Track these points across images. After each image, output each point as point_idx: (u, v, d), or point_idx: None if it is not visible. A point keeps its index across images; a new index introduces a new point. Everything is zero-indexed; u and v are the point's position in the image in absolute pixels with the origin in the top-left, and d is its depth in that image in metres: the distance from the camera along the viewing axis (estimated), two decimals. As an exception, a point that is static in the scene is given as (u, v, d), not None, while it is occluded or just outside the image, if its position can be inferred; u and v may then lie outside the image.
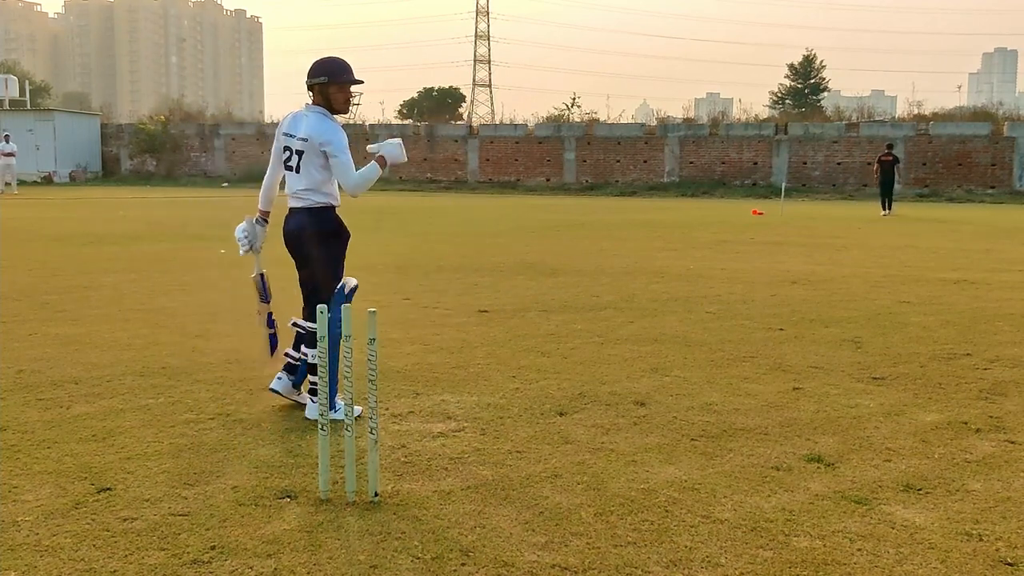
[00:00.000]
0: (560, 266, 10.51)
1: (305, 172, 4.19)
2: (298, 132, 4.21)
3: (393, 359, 5.42)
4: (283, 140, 4.27)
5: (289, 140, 4.23)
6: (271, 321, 4.60)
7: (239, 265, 10.37)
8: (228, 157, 40.20)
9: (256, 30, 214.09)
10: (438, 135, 38.45)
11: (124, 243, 12.94)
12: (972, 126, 32.85)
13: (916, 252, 12.75)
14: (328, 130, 4.15)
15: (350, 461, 3.26)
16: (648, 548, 2.88)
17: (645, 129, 36.59)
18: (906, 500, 3.32)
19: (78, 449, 3.77)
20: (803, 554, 2.85)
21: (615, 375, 5.19)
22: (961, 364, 5.54)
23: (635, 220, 19.27)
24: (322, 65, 4.25)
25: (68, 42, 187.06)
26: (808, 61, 53.66)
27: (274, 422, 4.20)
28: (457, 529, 3.01)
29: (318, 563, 2.75)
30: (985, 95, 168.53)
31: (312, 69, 4.23)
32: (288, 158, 4.24)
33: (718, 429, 4.16)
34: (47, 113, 40.72)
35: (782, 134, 34.12)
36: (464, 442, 3.93)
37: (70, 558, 2.76)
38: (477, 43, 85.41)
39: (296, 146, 4.19)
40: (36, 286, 8.49)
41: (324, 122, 4.18)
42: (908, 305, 7.82)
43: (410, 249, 12.53)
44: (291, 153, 4.23)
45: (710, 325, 6.79)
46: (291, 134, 4.23)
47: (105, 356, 5.51)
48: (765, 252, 12.52)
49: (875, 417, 4.38)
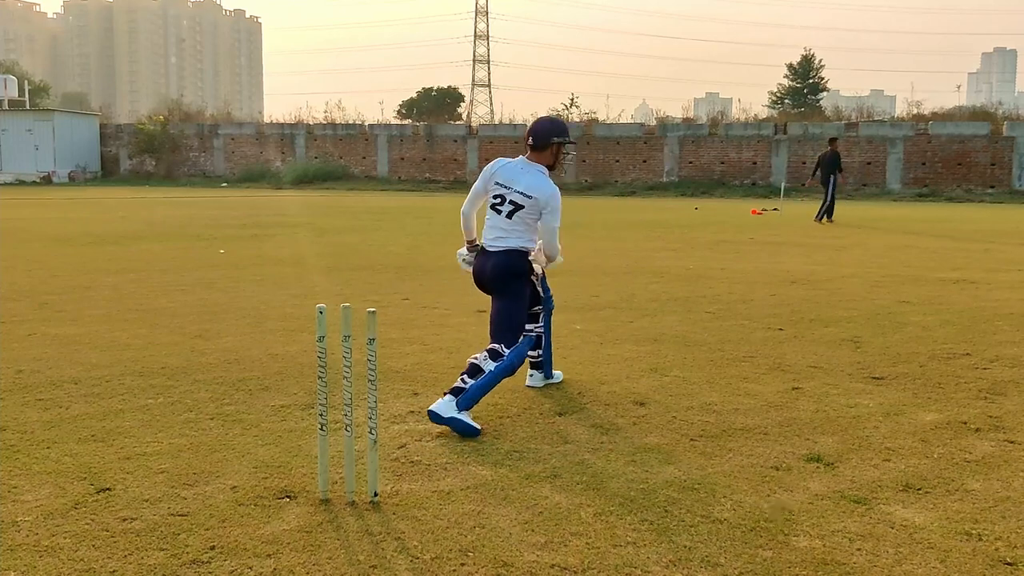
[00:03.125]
0: (559, 266, 10.49)
1: (519, 221, 4.45)
2: (517, 186, 4.43)
3: (393, 359, 5.42)
4: (496, 188, 4.49)
5: (505, 191, 4.46)
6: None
7: (239, 265, 10.38)
8: (227, 157, 40.20)
9: (255, 30, 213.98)
10: (437, 135, 38.45)
11: (124, 243, 12.94)
12: (971, 126, 32.86)
13: (916, 252, 12.75)
14: (554, 195, 4.43)
15: (349, 461, 3.26)
16: (647, 548, 2.88)
17: (644, 129, 36.60)
18: (905, 500, 3.32)
19: (77, 449, 3.77)
20: (803, 554, 2.85)
21: (614, 375, 5.19)
22: (961, 364, 5.54)
23: (634, 220, 19.27)
24: (557, 125, 4.55)
25: (67, 42, 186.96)
26: (807, 61, 53.65)
27: (274, 422, 4.20)
28: (456, 529, 3.01)
29: (317, 563, 2.75)
30: (984, 95, 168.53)
31: (547, 128, 4.50)
32: (499, 202, 4.48)
33: (718, 429, 4.16)
34: (46, 113, 40.70)
35: (781, 134, 34.14)
36: (464, 442, 3.93)
37: (69, 558, 2.76)
38: (476, 43, 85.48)
39: (517, 200, 4.43)
40: (35, 286, 8.49)
41: (549, 184, 4.45)
42: (908, 305, 7.82)
43: (410, 249, 12.53)
44: (503, 201, 4.47)
45: (710, 325, 6.79)
46: (508, 186, 4.46)
47: (104, 356, 5.51)
48: (765, 252, 12.53)
49: (874, 417, 4.38)
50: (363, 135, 39.22)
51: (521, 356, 4.40)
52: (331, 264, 10.63)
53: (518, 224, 4.45)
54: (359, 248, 12.27)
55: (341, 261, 10.91)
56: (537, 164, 4.50)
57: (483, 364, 4.24)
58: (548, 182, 4.46)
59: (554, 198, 4.42)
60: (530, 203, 4.40)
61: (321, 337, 3.23)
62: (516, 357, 4.35)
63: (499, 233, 4.49)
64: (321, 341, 3.24)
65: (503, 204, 4.46)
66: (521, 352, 4.40)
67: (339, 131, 39.46)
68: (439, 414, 4.01)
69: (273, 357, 5.52)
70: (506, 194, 4.46)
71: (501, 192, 4.48)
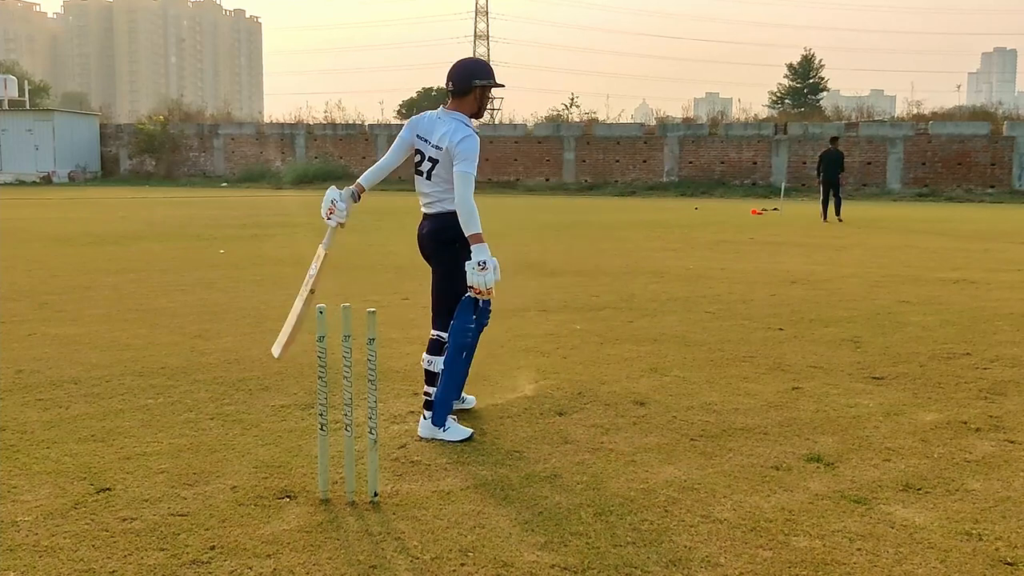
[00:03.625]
0: (559, 266, 10.51)
1: (439, 180, 3.95)
2: (432, 139, 3.95)
3: (393, 359, 5.42)
4: (417, 143, 4.02)
5: (423, 146, 3.99)
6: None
7: (239, 265, 10.38)
8: (227, 157, 40.21)
9: (255, 30, 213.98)
10: (437, 135, 38.38)
11: (124, 243, 12.94)
12: (971, 126, 32.87)
13: (916, 252, 12.75)
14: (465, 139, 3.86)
15: (349, 461, 3.26)
16: (647, 548, 2.88)
17: (644, 129, 36.61)
18: (905, 500, 3.32)
19: (77, 449, 3.77)
20: (803, 554, 2.85)
21: (614, 375, 5.19)
22: (961, 364, 5.54)
23: (634, 220, 19.27)
24: (478, 65, 4.05)
25: (67, 42, 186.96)
26: (807, 61, 53.67)
27: (274, 422, 4.20)
28: (456, 529, 3.01)
29: (317, 563, 2.75)
30: (984, 95, 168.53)
31: (467, 70, 3.97)
32: (419, 162, 4.01)
33: (718, 429, 4.16)
34: (46, 113, 40.71)
35: (781, 134, 34.14)
36: (463, 442, 3.93)
37: (69, 558, 2.76)
38: (476, 43, 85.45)
39: (431, 154, 3.95)
40: (35, 286, 8.49)
41: (462, 129, 3.90)
42: (908, 305, 7.82)
43: (409, 249, 12.48)
44: (423, 159, 3.99)
45: (710, 325, 6.79)
46: (426, 139, 3.98)
47: (104, 356, 5.50)
48: (765, 252, 12.52)
49: (875, 417, 4.38)
50: (363, 135, 39.22)
51: (464, 330, 3.90)
52: (331, 264, 10.61)
53: (439, 184, 3.94)
54: (359, 248, 12.26)
55: (341, 261, 10.90)
56: (456, 112, 3.96)
57: (433, 367, 4.04)
58: (462, 127, 3.89)
59: (465, 142, 3.83)
60: (443, 155, 3.89)
61: (321, 337, 3.23)
62: (458, 334, 3.90)
63: (425, 199, 4.04)
64: (321, 341, 3.24)
65: (423, 163, 3.98)
66: (462, 327, 3.89)
67: (339, 131, 39.46)
68: (424, 436, 3.99)
69: (273, 357, 5.50)
70: (424, 150, 3.98)
71: (420, 148, 4.00)
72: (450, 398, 3.96)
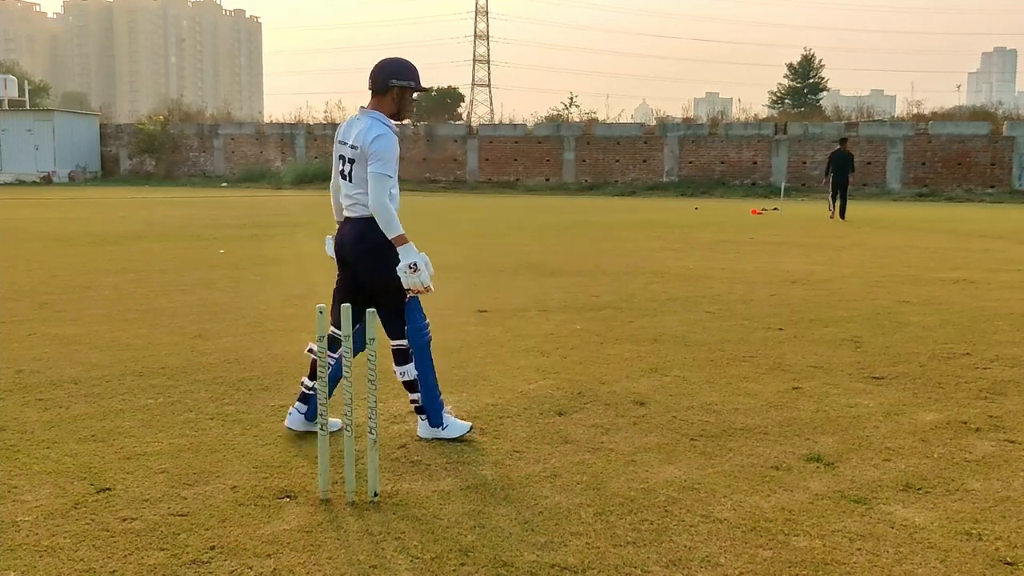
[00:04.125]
0: (559, 266, 10.51)
1: (358, 181, 3.85)
2: (348, 139, 3.88)
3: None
4: (339, 148, 3.96)
5: (343, 148, 3.92)
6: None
7: (239, 265, 10.38)
8: (227, 157, 40.20)
9: (255, 30, 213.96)
10: (437, 135, 38.44)
11: (124, 243, 12.94)
12: (971, 125, 32.86)
13: (916, 252, 12.75)
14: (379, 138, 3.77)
15: (349, 461, 3.26)
16: (647, 548, 2.88)
17: (644, 129, 36.60)
18: (905, 500, 3.32)
19: (77, 449, 3.77)
20: (802, 554, 2.85)
21: (614, 375, 5.19)
22: (961, 364, 5.54)
23: (634, 220, 19.27)
24: (397, 65, 3.90)
25: (67, 42, 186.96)
26: (807, 61, 53.64)
27: (274, 422, 4.20)
28: (456, 529, 3.01)
29: (317, 563, 2.75)
30: (984, 95, 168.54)
31: (385, 70, 3.86)
32: (340, 163, 3.94)
33: (718, 429, 4.16)
34: (46, 113, 40.70)
35: (781, 134, 34.13)
36: (463, 442, 3.93)
37: (69, 558, 2.76)
38: (476, 43, 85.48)
39: (347, 154, 3.87)
40: (35, 286, 8.49)
41: (376, 127, 3.80)
42: (908, 305, 7.82)
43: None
44: (343, 160, 3.92)
45: (709, 325, 6.79)
46: (343, 140, 3.93)
47: (104, 356, 5.51)
48: (765, 252, 12.52)
49: (875, 417, 4.38)
50: (363, 135, 39.15)
51: (421, 331, 3.92)
52: (331, 264, 10.60)
53: (359, 185, 3.81)
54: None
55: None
56: (373, 111, 3.85)
57: (406, 376, 3.98)
58: (378, 125, 3.78)
59: (379, 141, 3.72)
60: (358, 155, 3.78)
61: (321, 337, 3.23)
62: (417, 336, 3.91)
63: (346, 201, 3.91)
64: (321, 341, 3.24)
65: (343, 164, 3.89)
66: (416, 328, 3.90)
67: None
68: (423, 437, 4.01)
69: (273, 357, 5.52)
70: (344, 152, 3.89)
71: (341, 152, 3.91)
72: (435, 397, 4.00)
